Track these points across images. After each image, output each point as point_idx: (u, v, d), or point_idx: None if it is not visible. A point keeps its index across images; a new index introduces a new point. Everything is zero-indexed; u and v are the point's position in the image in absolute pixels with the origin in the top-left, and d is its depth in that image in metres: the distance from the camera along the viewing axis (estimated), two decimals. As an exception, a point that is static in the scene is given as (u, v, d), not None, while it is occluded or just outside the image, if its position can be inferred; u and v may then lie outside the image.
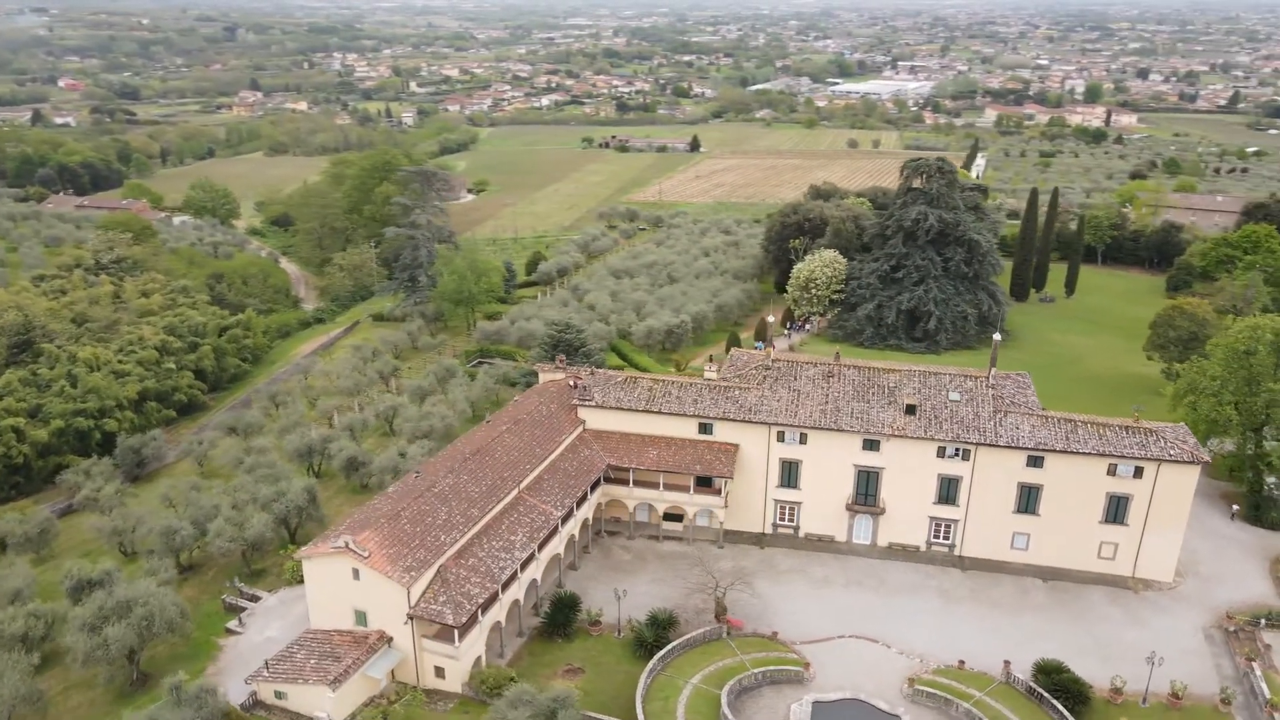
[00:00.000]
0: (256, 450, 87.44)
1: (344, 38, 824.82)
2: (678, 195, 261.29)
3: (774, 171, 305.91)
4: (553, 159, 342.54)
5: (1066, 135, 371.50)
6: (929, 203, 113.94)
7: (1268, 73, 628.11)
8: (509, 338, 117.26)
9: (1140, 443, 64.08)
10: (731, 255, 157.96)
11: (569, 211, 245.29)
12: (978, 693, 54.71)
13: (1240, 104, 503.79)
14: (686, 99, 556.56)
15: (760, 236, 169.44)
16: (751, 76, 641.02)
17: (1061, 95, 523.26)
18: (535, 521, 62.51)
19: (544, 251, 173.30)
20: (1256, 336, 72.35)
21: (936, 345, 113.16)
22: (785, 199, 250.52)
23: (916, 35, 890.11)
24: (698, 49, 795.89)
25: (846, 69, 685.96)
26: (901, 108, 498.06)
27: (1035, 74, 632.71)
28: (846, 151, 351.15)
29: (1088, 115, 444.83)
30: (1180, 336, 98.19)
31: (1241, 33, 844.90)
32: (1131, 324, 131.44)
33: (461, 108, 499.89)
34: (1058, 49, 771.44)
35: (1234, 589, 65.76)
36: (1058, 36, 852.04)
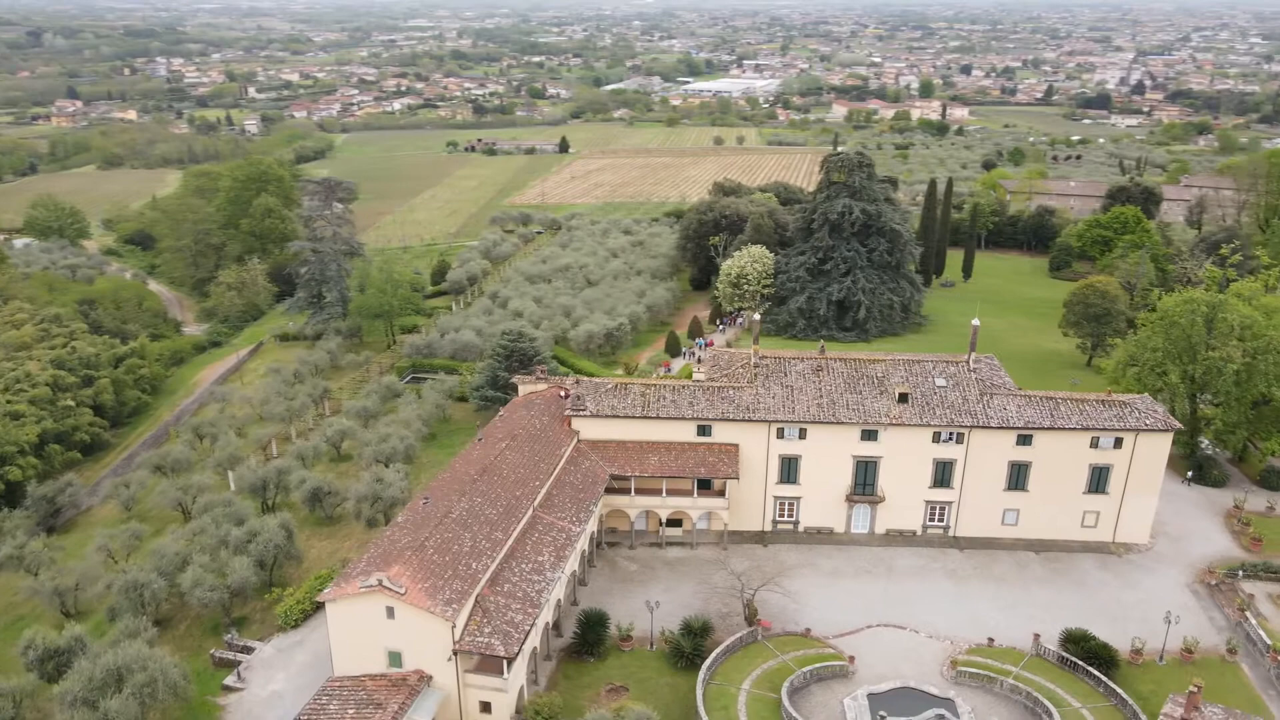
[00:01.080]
0: (197, 489, 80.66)
1: (166, 42, 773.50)
2: (559, 197, 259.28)
3: (648, 170, 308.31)
4: (419, 164, 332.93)
5: (914, 129, 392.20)
6: (851, 195, 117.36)
7: (1072, 67, 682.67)
8: (441, 350, 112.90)
9: (1118, 415, 68.06)
10: (640, 255, 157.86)
11: (452, 218, 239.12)
12: (1014, 668, 56.62)
13: (1054, 96, 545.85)
14: (543, 100, 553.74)
15: (664, 235, 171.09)
16: (604, 77, 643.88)
17: (899, 91, 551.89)
18: (558, 540, 60.29)
19: (444, 259, 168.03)
20: (1193, 309, 78.13)
21: (866, 334, 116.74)
22: (667, 197, 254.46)
23: (756, 35, 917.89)
24: (546, 49, 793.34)
25: (695, 68, 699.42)
26: (754, 105, 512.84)
27: (871, 71, 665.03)
28: (714, 149, 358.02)
29: (925, 109, 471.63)
30: (1095, 313, 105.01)
31: (1045, 31, 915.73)
32: (1028, 303, 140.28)
33: (309, 113, 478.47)
34: (887, 47, 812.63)
35: (1201, 545, 70.85)
36: (886, 35, 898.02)
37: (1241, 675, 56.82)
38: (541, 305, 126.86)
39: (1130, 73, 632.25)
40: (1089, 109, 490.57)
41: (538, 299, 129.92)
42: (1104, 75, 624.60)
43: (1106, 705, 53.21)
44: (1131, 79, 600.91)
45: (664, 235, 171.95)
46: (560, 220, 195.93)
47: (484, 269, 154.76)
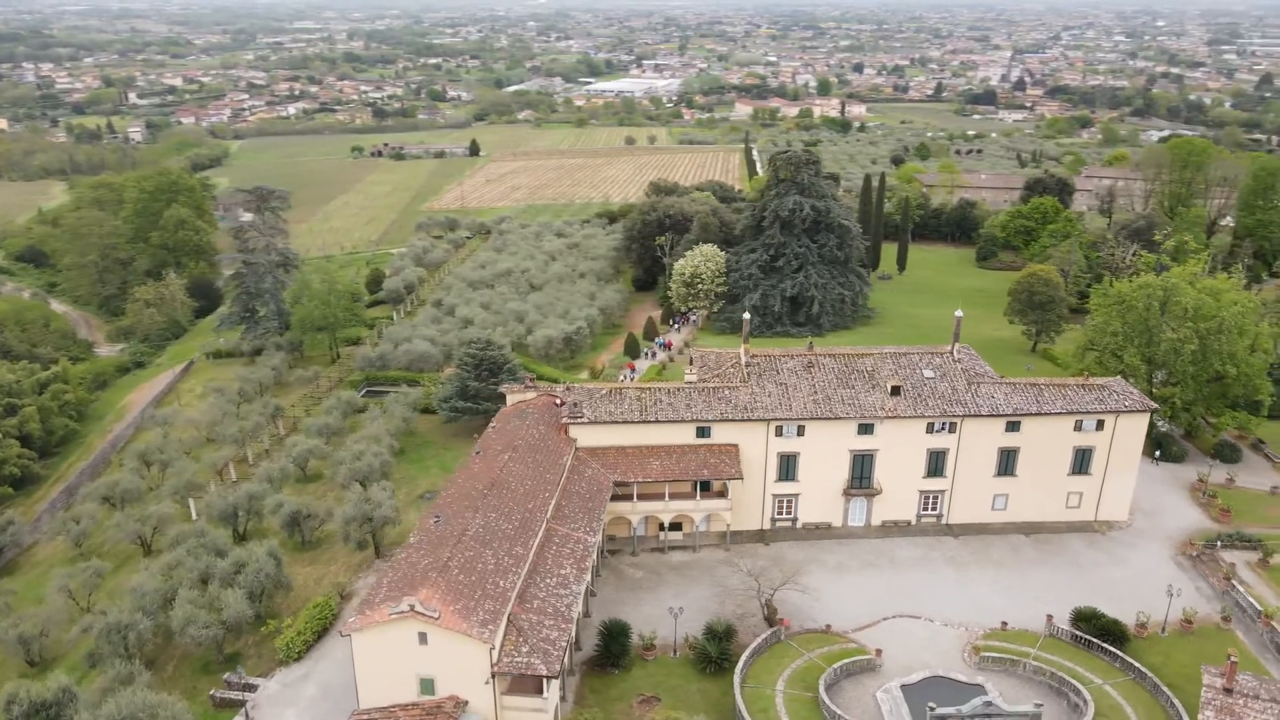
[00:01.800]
0: (156, 520, 75.93)
1: (32, 45, 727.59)
2: (479, 201, 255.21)
3: (564, 171, 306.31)
4: (325, 171, 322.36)
5: (819, 126, 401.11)
6: (801, 192, 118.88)
7: (957, 65, 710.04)
8: (394, 361, 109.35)
9: (1098, 398, 70.74)
10: (578, 257, 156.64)
11: (371, 225, 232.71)
12: (1031, 649, 58.12)
13: (944, 93, 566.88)
14: (444, 102, 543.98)
15: (599, 236, 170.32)
16: (505, 78, 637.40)
17: (798, 89, 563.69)
18: (576, 551, 58.93)
19: (374, 268, 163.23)
20: (1149, 294, 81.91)
21: (820, 328, 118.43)
22: (590, 198, 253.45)
23: (653, 35, 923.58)
24: (442, 51, 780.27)
25: (596, 68, 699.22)
26: (659, 104, 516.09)
27: (768, 70, 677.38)
28: (626, 149, 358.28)
29: (825, 107, 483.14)
30: (1039, 301, 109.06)
31: (929, 30, 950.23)
32: (963, 293, 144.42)
33: (197, 119, 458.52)
34: (780, 47, 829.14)
35: (1174, 519, 74.29)
36: (779, 35, 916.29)
37: (1238, 641, 59.69)
38: (491, 311, 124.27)
39: (1010, 70, 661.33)
40: (977, 105, 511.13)
41: (485, 305, 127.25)
42: (987, 73, 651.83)
43: (1126, 680, 55.14)
44: (1012, 76, 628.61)
45: (599, 237, 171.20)
46: (489, 225, 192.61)
47: (420, 276, 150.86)
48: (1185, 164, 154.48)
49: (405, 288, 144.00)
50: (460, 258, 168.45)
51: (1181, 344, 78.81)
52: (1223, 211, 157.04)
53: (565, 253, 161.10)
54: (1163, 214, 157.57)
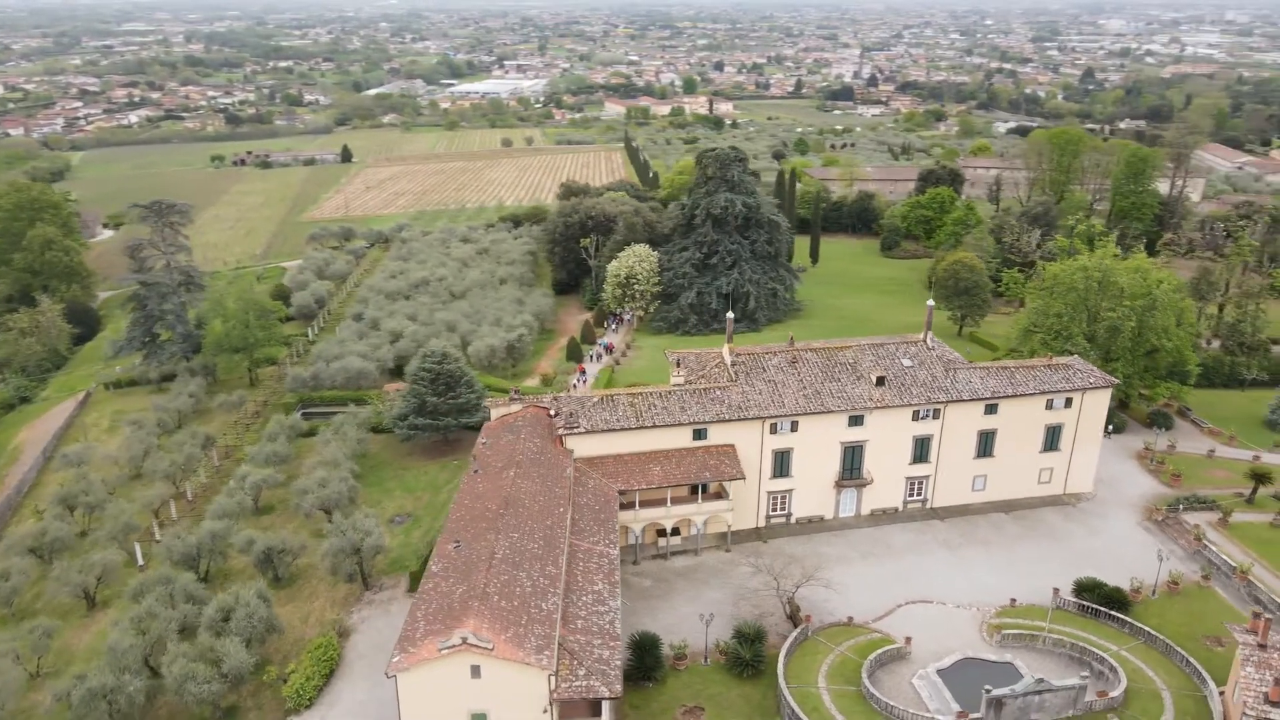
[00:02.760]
0: (101, 569, 69.27)
1: None
2: (363, 209, 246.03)
3: (446, 175, 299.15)
4: (185, 182, 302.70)
5: (692, 123, 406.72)
6: (731, 189, 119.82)
7: (810, 63, 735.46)
8: (328, 381, 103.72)
9: (1065, 377, 74.24)
10: (491, 263, 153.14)
11: (250, 238, 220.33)
12: (1044, 623, 60.31)
13: (803, 90, 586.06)
14: (301, 107, 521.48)
15: (508, 240, 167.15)
16: (364, 81, 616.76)
17: (665, 88, 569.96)
18: (603, 566, 57.22)
19: (274, 284, 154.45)
20: (1088, 276, 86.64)
21: (756, 324, 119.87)
22: (483, 202, 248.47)
23: (511, 35, 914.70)
24: (291, 53, 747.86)
25: (457, 69, 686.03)
26: (528, 105, 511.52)
27: (632, 69, 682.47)
28: (505, 150, 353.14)
29: (693, 104, 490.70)
30: (965, 286, 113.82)
31: (780, 29, 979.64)
32: (876, 281, 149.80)
33: (26, 130, 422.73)
34: (640, 46, 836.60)
35: (1130, 486, 78.84)
36: (637, 34, 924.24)
37: (1219, 597, 63.79)
38: (419, 323, 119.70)
39: (862, 67, 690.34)
40: (836, 100, 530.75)
41: (412, 316, 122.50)
42: (840, 70, 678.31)
43: (1138, 644, 57.99)
44: (864, 73, 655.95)
45: (508, 241, 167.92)
46: (387, 233, 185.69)
47: (328, 290, 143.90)
48: (1064, 152, 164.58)
49: (316, 302, 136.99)
50: (364, 269, 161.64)
51: (1121, 322, 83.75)
52: (1097, 195, 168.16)
53: (476, 259, 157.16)
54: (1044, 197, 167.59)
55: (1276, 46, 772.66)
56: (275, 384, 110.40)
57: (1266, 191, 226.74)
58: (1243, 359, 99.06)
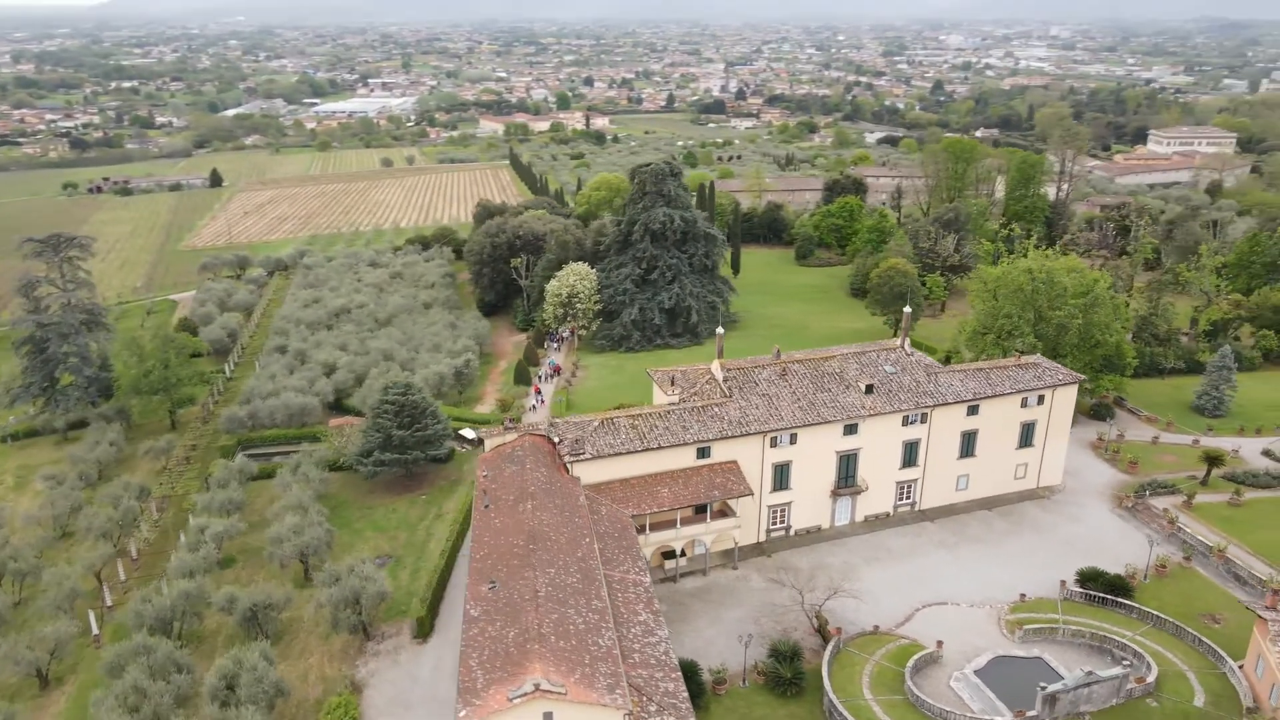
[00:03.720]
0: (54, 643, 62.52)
1: None
2: (248, 235, 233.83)
3: (328, 198, 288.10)
4: (38, 212, 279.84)
5: (575, 138, 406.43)
6: (667, 204, 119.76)
7: (678, 77, 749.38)
8: (266, 419, 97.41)
9: (1036, 375, 77.31)
10: (412, 286, 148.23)
11: (127, 270, 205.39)
12: (1057, 615, 62.32)
13: (675, 104, 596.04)
14: (154, 130, 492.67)
15: (419, 263, 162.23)
16: (219, 101, 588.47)
17: (538, 104, 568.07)
18: (642, 596, 55.48)
19: (149, 316, 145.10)
20: (1035, 277, 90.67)
21: (698, 337, 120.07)
22: (378, 224, 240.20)
23: (372, 52, 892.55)
24: (135, 73, 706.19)
25: (319, 88, 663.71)
26: (400, 124, 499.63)
27: (502, 85, 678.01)
28: (386, 171, 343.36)
29: (569, 119, 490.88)
30: (900, 292, 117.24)
31: (644, 45, 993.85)
32: (800, 290, 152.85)
33: None
34: (506, 62, 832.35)
35: (1093, 476, 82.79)
36: (502, 51, 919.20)
37: (1202, 576, 67.55)
38: (352, 352, 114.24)
39: (728, 81, 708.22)
40: (709, 114, 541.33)
41: (343, 346, 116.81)
42: (708, 84, 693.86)
43: (1149, 628, 60.60)
44: (731, 87, 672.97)
45: (421, 264, 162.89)
46: (286, 260, 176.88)
47: (238, 322, 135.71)
48: (958, 160, 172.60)
49: (228, 336, 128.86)
50: (270, 298, 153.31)
51: (1069, 320, 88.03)
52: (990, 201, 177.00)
53: (391, 283, 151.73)
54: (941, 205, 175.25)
55: (1098, 59, 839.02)
56: (201, 426, 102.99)
57: (1123, 192, 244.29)
58: (1159, 350, 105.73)
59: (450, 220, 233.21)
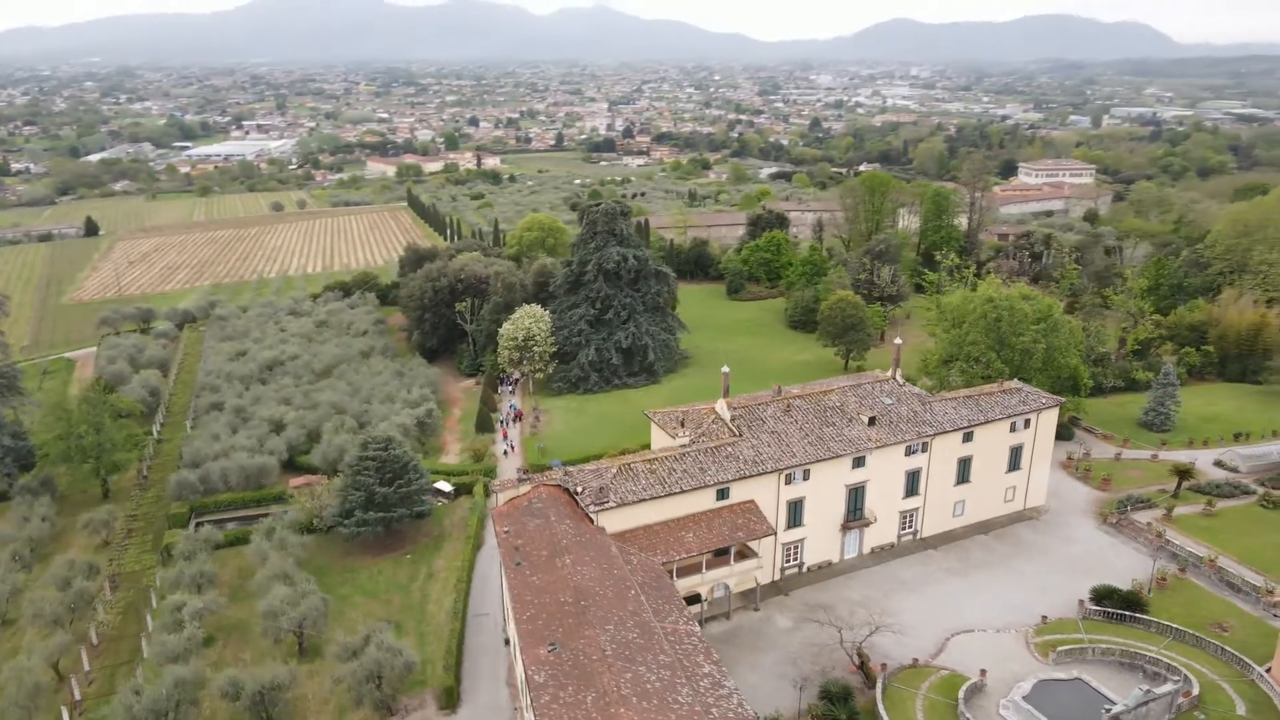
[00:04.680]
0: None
1: None
2: (139, 287, 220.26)
3: (221, 245, 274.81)
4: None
5: (472, 179, 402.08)
6: (620, 243, 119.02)
7: (563, 116, 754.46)
8: (219, 482, 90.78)
9: (1021, 400, 79.70)
10: (343, 334, 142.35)
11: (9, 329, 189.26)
12: (1082, 634, 63.70)
13: (565, 143, 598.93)
14: (11, 177, 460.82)
15: (344, 311, 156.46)
16: (80, 146, 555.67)
17: (426, 144, 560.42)
18: (699, 646, 53.52)
19: (44, 376, 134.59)
20: (997, 305, 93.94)
21: (655, 376, 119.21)
22: (280, 271, 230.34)
23: (242, 94, 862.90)
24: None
25: (189, 131, 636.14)
26: (282, 167, 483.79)
27: (384, 126, 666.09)
28: (279, 215, 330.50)
29: (460, 159, 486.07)
30: (851, 323, 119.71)
31: (526, 85, 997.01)
32: (736, 324, 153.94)
33: None
34: (386, 103, 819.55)
35: (1071, 495, 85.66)
36: (381, 92, 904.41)
37: (1199, 587, 70.42)
38: (297, 407, 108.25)
39: (613, 119, 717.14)
40: (599, 152, 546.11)
41: (286, 400, 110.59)
42: (594, 123, 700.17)
43: (1170, 641, 62.58)
44: (617, 125, 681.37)
45: (345, 312, 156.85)
46: (194, 311, 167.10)
47: (158, 380, 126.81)
48: (874, 193, 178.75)
49: (150, 395, 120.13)
50: (187, 352, 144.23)
51: (1033, 345, 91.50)
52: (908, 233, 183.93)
53: (319, 332, 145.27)
54: (860, 239, 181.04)
55: (956, 97, 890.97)
56: (140, 493, 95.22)
57: (1012, 221, 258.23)
58: (1099, 369, 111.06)
59: (359, 264, 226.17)
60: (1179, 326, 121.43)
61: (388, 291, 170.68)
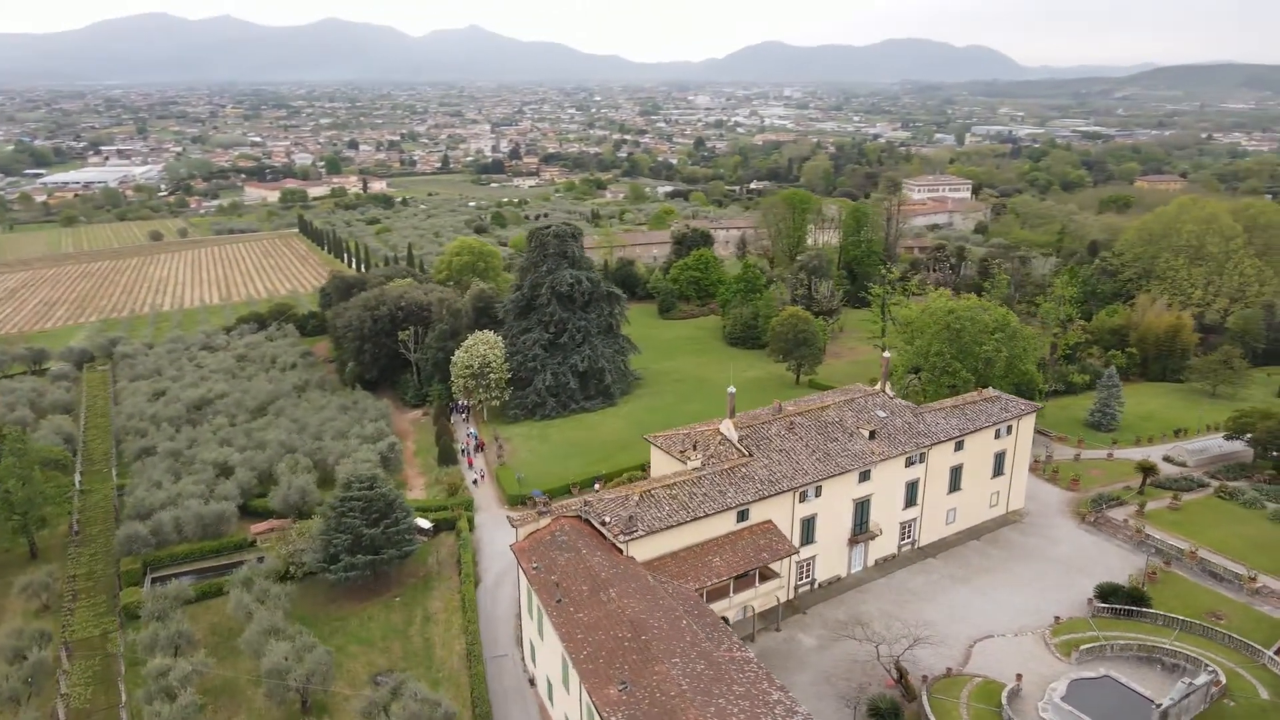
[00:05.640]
0: None
1: None
2: (15, 325, 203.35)
3: (101, 278, 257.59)
4: None
5: (364, 203, 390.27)
6: (572, 265, 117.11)
7: (446, 138, 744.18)
8: (172, 534, 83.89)
9: (1003, 407, 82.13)
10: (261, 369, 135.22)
11: None
12: (1096, 632, 65.67)
13: (451, 165, 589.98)
14: None
15: (263, 343, 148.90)
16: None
17: (307, 169, 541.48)
18: (760, 674, 52.11)
19: None
20: (959, 316, 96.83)
21: (612, 399, 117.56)
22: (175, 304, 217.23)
23: (97, 118, 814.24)
24: None
25: (42, 157, 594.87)
26: (151, 194, 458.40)
27: (258, 150, 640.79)
28: (159, 245, 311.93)
29: (345, 183, 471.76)
30: (802, 338, 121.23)
31: (403, 107, 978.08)
32: (674, 342, 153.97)
33: None
34: (257, 126, 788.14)
35: (1046, 496, 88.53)
36: (250, 115, 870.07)
37: (1184, 578, 73.78)
38: (240, 448, 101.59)
39: (498, 141, 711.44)
40: (489, 174, 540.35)
41: (226, 442, 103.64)
42: (479, 144, 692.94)
43: (1178, 633, 65.19)
44: (503, 147, 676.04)
45: (265, 344, 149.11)
46: (91, 350, 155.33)
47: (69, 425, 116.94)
48: (795, 210, 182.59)
49: (65, 442, 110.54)
50: (95, 394, 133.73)
51: (995, 353, 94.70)
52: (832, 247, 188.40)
53: (240, 367, 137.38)
54: (784, 255, 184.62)
55: (829, 117, 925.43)
56: (76, 550, 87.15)
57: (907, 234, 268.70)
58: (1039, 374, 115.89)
59: (262, 294, 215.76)
60: (1102, 331, 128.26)
61: (306, 322, 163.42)
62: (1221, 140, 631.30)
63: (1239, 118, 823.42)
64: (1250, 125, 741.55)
